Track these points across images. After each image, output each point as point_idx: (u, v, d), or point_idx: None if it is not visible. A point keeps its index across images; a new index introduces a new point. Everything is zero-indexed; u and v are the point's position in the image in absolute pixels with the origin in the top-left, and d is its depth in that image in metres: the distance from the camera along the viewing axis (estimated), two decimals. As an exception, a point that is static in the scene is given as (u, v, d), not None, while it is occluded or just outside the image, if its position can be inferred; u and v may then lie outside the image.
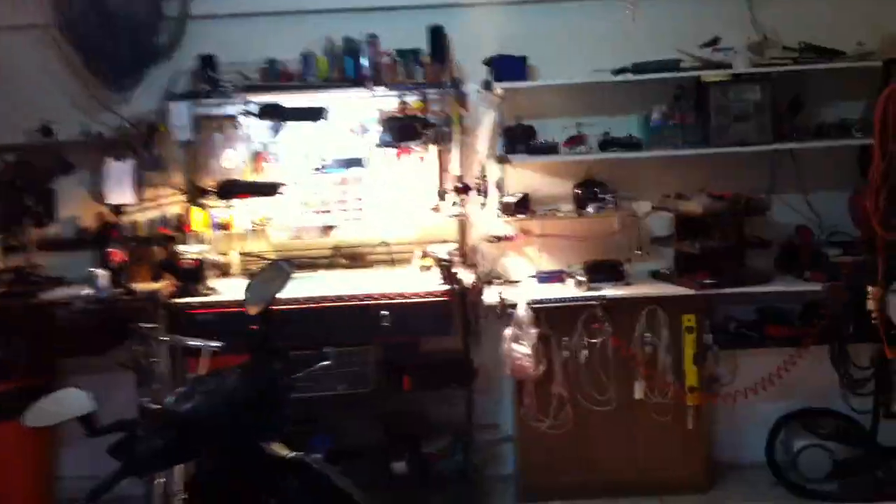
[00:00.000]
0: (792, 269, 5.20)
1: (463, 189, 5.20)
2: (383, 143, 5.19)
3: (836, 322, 4.91)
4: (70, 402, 3.00)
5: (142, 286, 5.07)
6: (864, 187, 4.91)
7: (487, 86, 5.20)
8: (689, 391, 5.06)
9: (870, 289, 4.60)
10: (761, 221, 5.23)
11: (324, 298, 4.90)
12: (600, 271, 5.27)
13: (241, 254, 5.47)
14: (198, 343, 4.36)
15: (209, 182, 5.25)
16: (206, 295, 4.96)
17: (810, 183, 5.40)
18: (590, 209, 5.25)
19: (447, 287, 4.90)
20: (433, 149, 5.32)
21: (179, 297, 4.95)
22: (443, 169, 5.33)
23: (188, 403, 3.01)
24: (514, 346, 4.96)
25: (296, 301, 4.83)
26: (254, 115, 5.17)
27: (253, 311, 3.52)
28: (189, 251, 5.03)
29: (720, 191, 5.15)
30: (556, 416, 5.07)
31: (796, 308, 5.25)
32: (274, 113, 5.19)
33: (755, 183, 5.37)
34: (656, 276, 5.31)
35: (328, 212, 5.35)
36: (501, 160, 5.20)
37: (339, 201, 5.34)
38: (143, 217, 5.38)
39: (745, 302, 5.27)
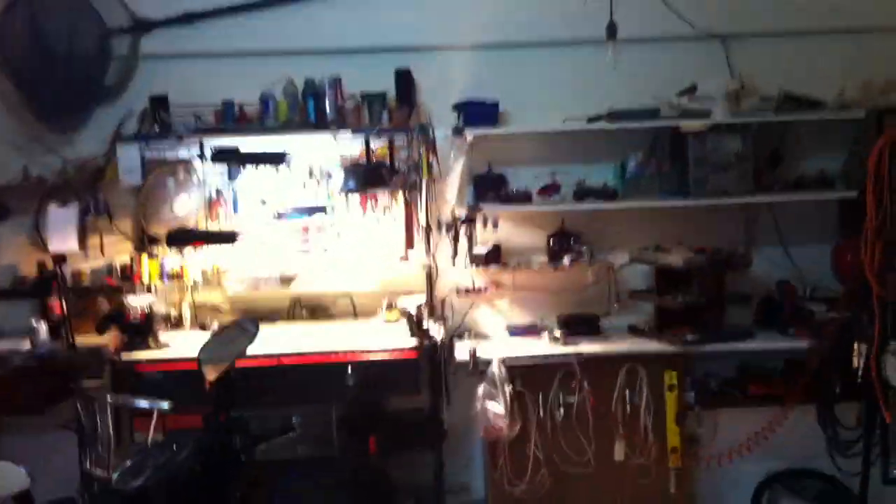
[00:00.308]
0: (774, 324, 5.00)
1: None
2: (347, 190, 4.90)
3: (821, 381, 4.70)
4: (3, 477, 2.66)
5: (85, 340, 4.68)
6: (847, 240, 4.80)
7: (457, 131, 4.95)
8: (672, 452, 4.80)
9: (856, 346, 4.44)
10: (741, 275, 5.02)
11: (284, 355, 4.56)
12: (576, 325, 5.02)
13: (193, 305, 5.11)
14: (145, 404, 4.01)
15: (160, 229, 4.90)
16: (154, 349, 4.59)
17: (790, 236, 5.23)
18: (565, 261, 5.00)
19: (416, 342, 4.60)
20: (400, 196, 5.04)
21: (126, 352, 4.58)
22: (409, 218, 5.05)
23: (137, 479, 2.69)
24: (488, 404, 4.66)
25: (254, 357, 4.47)
26: (209, 158, 4.86)
27: (210, 375, 3.21)
28: (137, 303, 4.66)
29: (697, 243, 4.97)
30: (531, 478, 4.77)
31: (778, 364, 5.06)
32: (230, 157, 4.89)
33: (733, 235, 5.20)
34: (634, 330, 5.06)
35: (288, 261, 5.02)
36: (472, 209, 4.94)
37: (299, 250, 5.02)
38: (87, 266, 5.00)
39: (725, 358, 5.05)
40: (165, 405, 3.94)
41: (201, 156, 4.88)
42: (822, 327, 4.77)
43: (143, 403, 4.00)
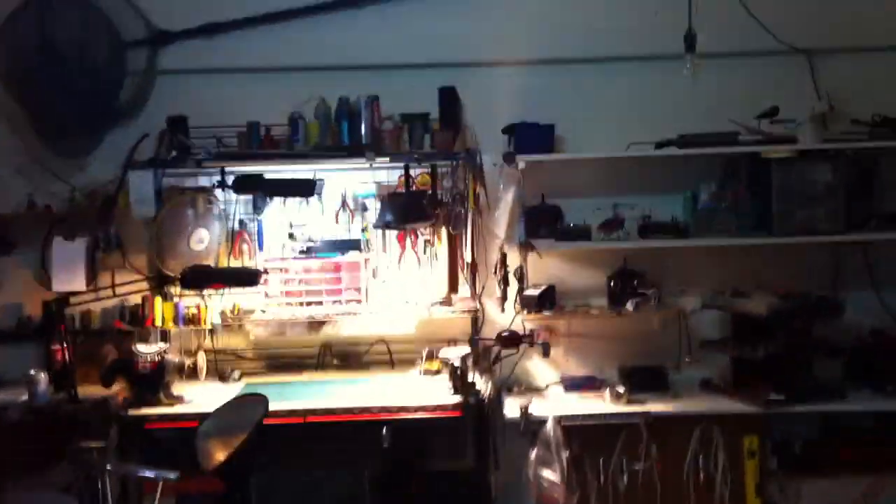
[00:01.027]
0: (867, 380, 4.38)
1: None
2: (384, 224, 4.36)
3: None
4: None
5: (89, 391, 4.18)
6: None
7: (508, 157, 4.40)
8: (752, 528, 4.21)
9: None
10: (830, 324, 4.41)
11: (311, 412, 4.03)
12: (640, 379, 4.45)
13: (210, 353, 4.60)
14: (150, 474, 3.49)
15: (176, 267, 4.40)
16: (167, 405, 4.08)
17: (884, 278, 4.62)
18: (629, 306, 4.43)
19: (460, 399, 4.05)
20: (443, 231, 4.50)
21: (134, 406, 4.07)
22: (454, 256, 4.51)
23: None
24: (542, 471, 4.09)
25: (277, 414, 3.97)
26: (231, 187, 4.35)
27: (211, 462, 2.70)
28: (147, 350, 4.15)
29: (776, 285, 4.38)
30: (591, 558, 4.20)
31: (868, 423, 4.45)
32: (255, 186, 4.39)
33: (818, 276, 4.61)
34: (708, 386, 4.47)
35: (318, 303, 4.49)
36: (524, 246, 4.38)
37: (330, 291, 4.49)
38: (95, 307, 4.51)
39: (808, 415, 4.43)
40: (172, 475, 3.42)
41: (223, 184, 4.38)
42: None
43: (146, 473, 3.47)
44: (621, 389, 4.27)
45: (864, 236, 4.35)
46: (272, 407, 3.94)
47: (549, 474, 4.08)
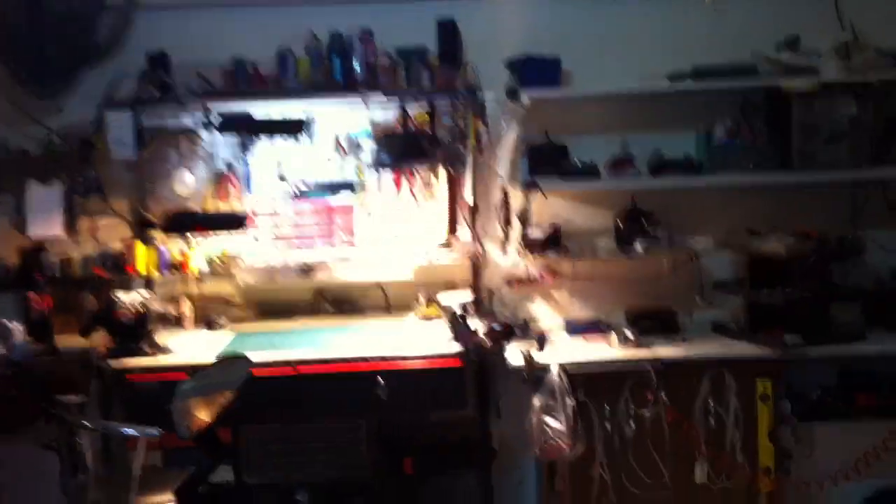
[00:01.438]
0: (888, 323, 4.17)
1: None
2: (380, 165, 4.13)
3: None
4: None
5: (69, 343, 3.98)
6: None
7: (513, 94, 4.14)
8: (764, 474, 4.02)
9: None
10: (849, 265, 4.19)
11: (303, 362, 3.82)
12: (649, 323, 4.24)
13: (197, 300, 4.40)
14: (130, 431, 3.30)
15: (158, 212, 4.18)
16: (150, 355, 3.88)
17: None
18: (638, 247, 4.21)
19: (460, 349, 3.85)
20: (442, 172, 4.27)
21: (116, 357, 3.86)
22: (454, 197, 4.28)
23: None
24: (546, 419, 3.90)
25: (269, 365, 3.78)
26: (216, 128, 4.12)
27: (202, 414, 2.51)
28: (129, 299, 3.93)
29: (792, 225, 4.17)
30: (597, 505, 4.03)
31: (885, 370, 4.24)
32: (242, 126, 4.16)
33: (834, 216, 4.38)
34: (720, 330, 4.26)
35: (310, 248, 4.27)
36: (529, 186, 4.14)
37: (323, 235, 4.27)
38: (76, 255, 4.29)
39: (824, 363, 4.22)
40: (154, 432, 3.23)
41: (208, 124, 4.14)
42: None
43: (127, 430, 3.28)
44: (629, 334, 4.07)
45: (890, 173, 4.11)
46: (262, 357, 3.80)
47: (554, 423, 3.89)
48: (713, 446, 3.99)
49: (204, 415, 2.83)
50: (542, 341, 4.05)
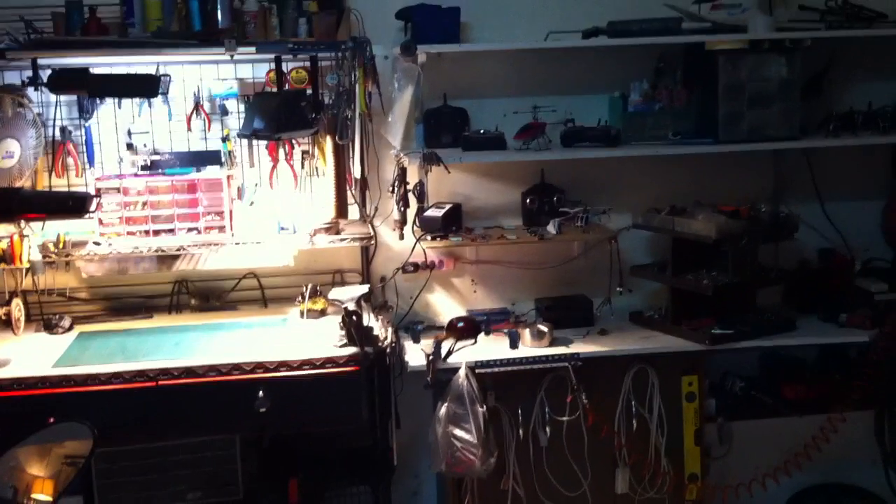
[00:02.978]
0: (814, 308, 3.84)
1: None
2: (252, 133, 3.45)
3: (887, 382, 3.60)
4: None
5: None
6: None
7: (407, 49, 3.54)
8: (690, 481, 3.66)
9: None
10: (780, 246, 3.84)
11: (165, 373, 3.17)
12: (561, 313, 3.79)
13: (33, 295, 3.66)
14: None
15: (-23, 189, 3.41)
16: (-29, 370, 3.15)
17: (829, 190, 4.06)
18: (550, 227, 3.72)
19: (354, 350, 3.27)
20: (328, 142, 3.64)
21: (-72, 374, 3.12)
22: (340, 171, 3.67)
23: None
24: (454, 430, 3.40)
25: (121, 377, 3.12)
26: (47, 85, 3.35)
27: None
28: (-58, 300, 3.18)
29: (712, 199, 3.77)
30: (509, 523, 3.58)
31: (804, 354, 3.97)
32: (80, 83, 3.39)
33: (753, 189, 4.01)
34: (639, 320, 3.84)
35: (170, 232, 3.58)
36: (428, 159, 3.56)
37: (184, 216, 3.58)
38: None
39: (746, 350, 3.87)
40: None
41: (35, 81, 3.36)
42: (882, 311, 3.67)
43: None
44: (544, 328, 3.60)
45: (825, 142, 3.74)
46: (113, 367, 3.14)
47: (462, 433, 3.40)
48: (635, 452, 3.60)
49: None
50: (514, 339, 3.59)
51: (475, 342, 3.64)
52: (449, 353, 3.48)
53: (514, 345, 3.57)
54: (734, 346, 3.59)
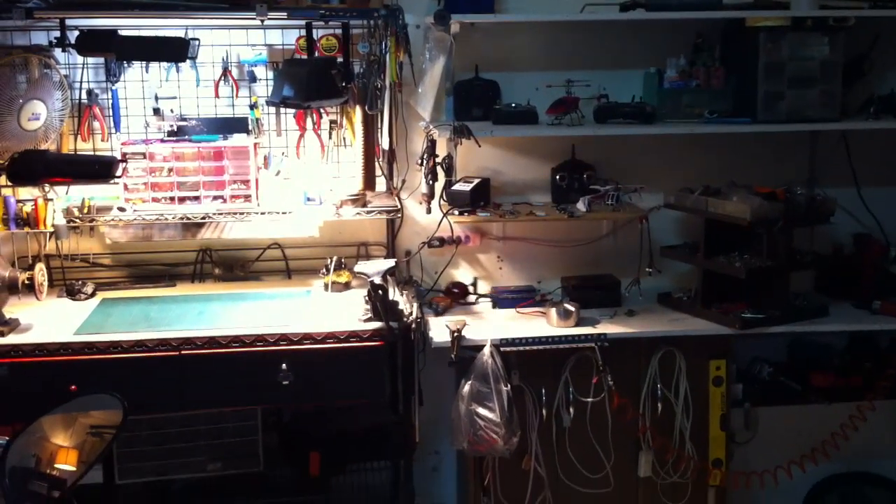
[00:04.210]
0: (846, 294, 3.77)
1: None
2: (281, 101, 3.39)
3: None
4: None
5: None
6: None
7: (440, 18, 3.46)
8: (714, 466, 3.60)
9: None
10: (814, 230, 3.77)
11: (188, 342, 3.14)
12: (588, 292, 3.73)
13: (56, 261, 3.62)
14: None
15: (3, 151, 3.36)
16: (-5, 334, 3.13)
17: (865, 174, 3.97)
18: (580, 205, 3.65)
19: (380, 325, 3.23)
20: (357, 112, 3.58)
21: (-49, 336, 3.10)
22: (369, 142, 3.60)
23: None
24: (477, 409, 3.35)
25: (144, 345, 3.09)
26: (74, 47, 3.30)
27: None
28: (-35, 263, 3.15)
29: (747, 180, 3.69)
30: (531, 503, 3.53)
31: (833, 342, 3.91)
32: (107, 45, 3.33)
33: (789, 171, 3.91)
34: (667, 301, 3.78)
35: (195, 199, 3.54)
36: (458, 132, 3.49)
37: (210, 184, 3.53)
38: None
39: (773, 336, 3.80)
40: (1, 441, 2.51)
41: (63, 42, 3.31)
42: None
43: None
44: (571, 307, 3.54)
45: (866, 125, 3.65)
46: (136, 335, 3.11)
47: (486, 412, 3.35)
48: (660, 435, 3.55)
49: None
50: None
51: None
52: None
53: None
54: (765, 330, 3.52)
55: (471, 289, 3.82)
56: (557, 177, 3.80)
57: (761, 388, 3.79)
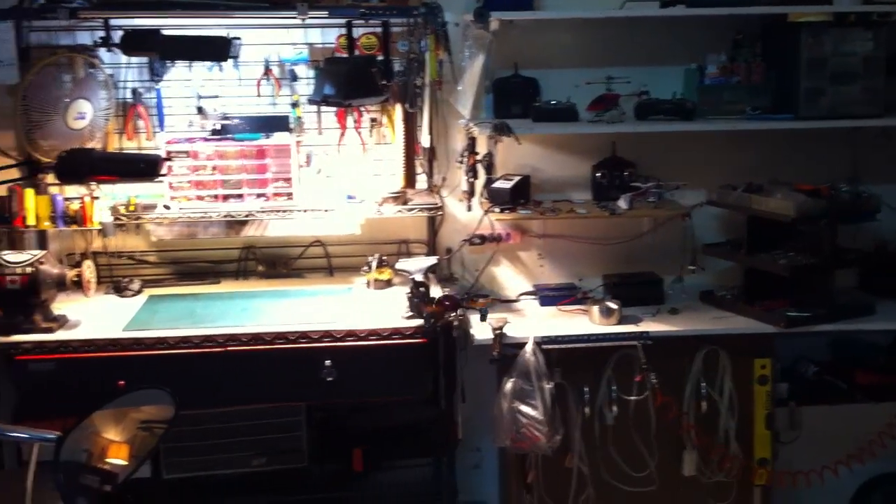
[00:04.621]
0: (891, 292, 3.73)
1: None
2: (322, 99, 3.41)
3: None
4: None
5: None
6: None
7: (480, 15, 3.47)
8: (759, 465, 3.57)
9: None
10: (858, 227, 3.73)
11: (233, 338, 3.17)
12: (630, 290, 3.71)
13: (103, 257, 3.67)
14: (23, 436, 2.61)
15: (50, 150, 3.41)
16: (44, 329, 3.16)
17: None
18: (622, 202, 3.64)
19: (421, 322, 3.24)
20: (397, 109, 3.59)
21: (2, 332, 3.14)
22: (409, 139, 3.61)
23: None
24: (519, 406, 3.35)
25: (190, 341, 3.12)
26: (119, 47, 3.35)
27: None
28: (16, 260, 3.18)
29: (787, 177, 3.68)
30: (574, 501, 3.52)
31: (876, 339, 3.86)
32: (151, 45, 3.38)
33: (831, 168, 3.87)
34: (710, 299, 3.75)
35: (238, 197, 3.56)
36: (498, 129, 3.50)
37: (252, 182, 3.56)
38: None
39: (816, 335, 3.77)
40: (52, 436, 2.53)
41: (107, 42, 3.36)
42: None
43: (15, 435, 2.59)
44: (613, 305, 3.53)
45: (911, 121, 3.62)
46: (182, 332, 3.14)
47: (528, 410, 3.35)
48: (704, 434, 3.53)
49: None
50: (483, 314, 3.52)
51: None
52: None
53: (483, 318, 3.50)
54: (810, 329, 3.49)
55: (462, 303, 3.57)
56: (598, 174, 3.79)
57: (806, 386, 3.76)
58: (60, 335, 3.16)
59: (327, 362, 3.16)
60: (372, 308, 3.39)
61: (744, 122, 3.61)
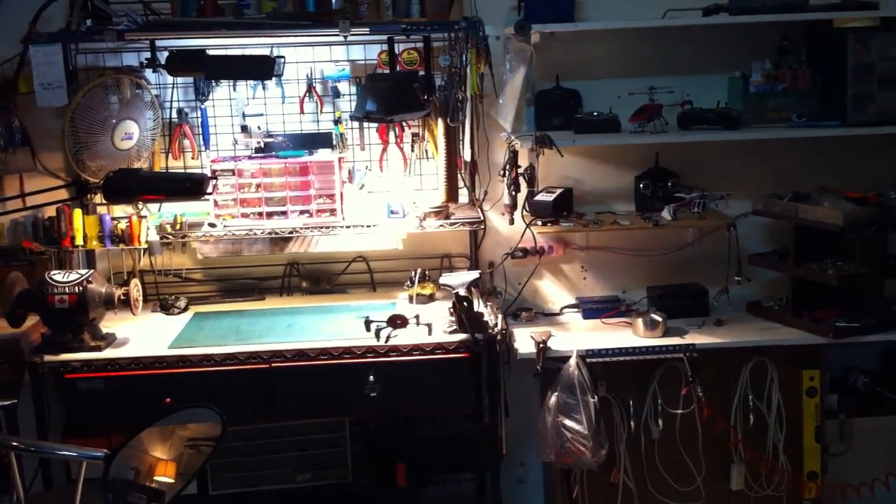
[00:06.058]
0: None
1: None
2: (364, 115, 3.43)
3: None
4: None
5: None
6: None
7: (522, 29, 3.47)
8: (809, 479, 3.52)
9: None
10: None
11: (277, 354, 3.20)
12: (674, 302, 3.68)
13: (150, 276, 3.74)
14: (71, 454, 2.66)
15: (98, 170, 3.47)
16: (92, 348, 3.21)
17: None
18: (665, 213, 3.61)
19: (465, 336, 3.24)
20: (439, 124, 3.60)
21: (51, 350, 3.20)
22: (451, 153, 3.62)
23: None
24: (564, 420, 3.33)
25: (236, 358, 3.16)
26: (165, 67, 3.40)
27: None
28: (64, 280, 3.24)
29: (833, 184, 3.64)
30: (619, 516, 3.51)
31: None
32: (196, 65, 3.43)
33: (879, 175, 3.79)
34: (757, 310, 3.71)
35: (282, 214, 3.59)
36: (540, 142, 3.49)
37: (296, 199, 3.59)
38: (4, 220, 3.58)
39: (865, 345, 3.68)
40: (100, 454, 2.58)
41: (153, 63, 3.41)
42: None
43: (64, 453, 2.64)
44: (658, 317, 3.50)
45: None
46: (227, 349, 3.17)
47: (573, 424, 3.33)
48: (752, 448, 3.48)
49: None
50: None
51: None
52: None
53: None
54: (860, 339, 3.43)
55: (412, 321, 3.37)
56: (641, 185, 3.76)
57: (856, 398, 3.70)
58: (108, 353, 3.21)
59: (371, 377, 3.18)
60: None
61: (790, 130, 3.56)
